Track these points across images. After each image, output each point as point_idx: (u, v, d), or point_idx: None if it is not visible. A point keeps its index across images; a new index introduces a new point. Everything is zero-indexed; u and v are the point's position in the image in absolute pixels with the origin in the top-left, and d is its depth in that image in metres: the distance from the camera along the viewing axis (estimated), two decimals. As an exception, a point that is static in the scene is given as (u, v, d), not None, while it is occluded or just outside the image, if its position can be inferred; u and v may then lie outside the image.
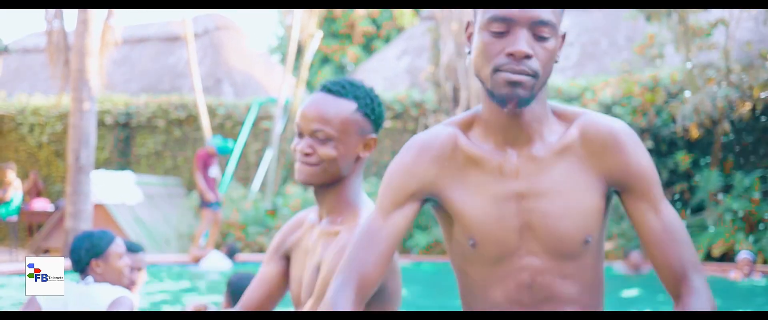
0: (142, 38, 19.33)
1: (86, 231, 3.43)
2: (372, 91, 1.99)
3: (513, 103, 1.60)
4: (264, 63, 20.29)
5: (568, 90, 13.27)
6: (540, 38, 1.59)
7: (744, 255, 8.69)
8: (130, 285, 3.79)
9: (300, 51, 18.15)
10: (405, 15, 24.77)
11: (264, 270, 2.15)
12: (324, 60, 25.22)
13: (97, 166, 13.87)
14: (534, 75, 1.58)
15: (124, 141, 16.00)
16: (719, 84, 10.78)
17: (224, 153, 11.53)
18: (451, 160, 1.71)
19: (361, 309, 1.63)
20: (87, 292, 3.16)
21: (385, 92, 15.35)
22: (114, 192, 13.09)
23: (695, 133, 10.69)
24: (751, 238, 10.21)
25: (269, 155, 14.34)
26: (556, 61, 1.64)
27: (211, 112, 15.23)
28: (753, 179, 10.70)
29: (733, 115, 10.90)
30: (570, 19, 17.04)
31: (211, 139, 11.58)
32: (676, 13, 9.27)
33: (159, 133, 15.69)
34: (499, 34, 1.59)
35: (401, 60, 17.95)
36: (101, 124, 15.26)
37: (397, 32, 24.55)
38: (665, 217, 1.66)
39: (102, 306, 3.05)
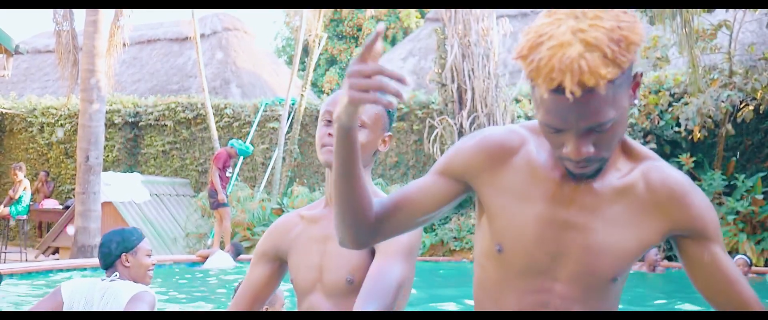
0: (151, 39, 19.50)
1: (116, 228, 3.56)
2: None
3: (583, 178, 1.60)
4: (271, 64, 20.43)
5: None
6: (598, 132, 1.49)
7: (741, 258, 8.77)
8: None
9: (306, 52, 18.27)
10: (411, 16, 24.87)
11: (251, 275, 2.22)
12: (330, 61, 25.35)
13: (106, 166, 14.02)
14: (600, 160, 1.55)
15: (133, 141, 16.15)
16: (723, 86, 10.85)
17: (245, 155, 11.84)
18: (508, 162, 1.66)
19: (370, 217, 1.65)
20: (111, 288, 3.26)
21: (391, 93, 15.45)
22: (123, 191, 13.24)
23: (698, 134, 10.77)
24: (753, 239, 10.28)
25: (276, 155, 14.48)
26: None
27: (219, 113, 15.36)
28: (755, 180, 10.77)
29: (736, 117, 10.97)
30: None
31: (232, 141, 11.78)
32: (679, 16, 9.34)
33: (167, 133, 15.83)
34: (556, 131, 1.52)
35: (407, 61, 18.06)
36: (110, 124, 15.42)
37: (403, 33, 24.66)
38: (729, 259, 1.69)
39: (123, 301, 3.15)
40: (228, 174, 11.31)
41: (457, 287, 8.94)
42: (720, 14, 11.69)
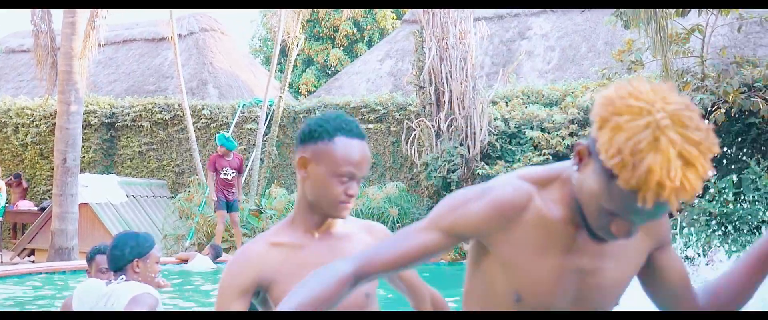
0: (127, 39, 19.40)
1: (129, 232, 3.58)
2: None
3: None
4: (248, 64, 20.40)
5: (548, 94, 13.52)
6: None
7: (714, 252, 8.95)
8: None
9: (284, 53, 18.26)
10: (387, 17, 24.95)
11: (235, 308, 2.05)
12: (307, 62, 25.36)
13: (82, 168, 13.94)
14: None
15: (109, 142, 16.07)
16: (695, 89, 11.05)
17: (225, 143, 11.50)
18: (519, 221, 1.71)
19: (347, 288, 1.69)
20: (115, 291, 3.31)
21: (369, 95, 15.54)
22: (100, 193, 13.18)
23: (672, 137, 10.94)
24: (725, 240, 10.47)
25: (254, 157, 14.49)
26: None
27: (196, 114, 15.34)
28: (727, 182, 10.97)
29: (708, 120, 11.17)
30: (550, 22, 17.31)
31: (216, 138, 11.71)
32: (654, 21, 9.51)
33: (144, 134, 15.77)
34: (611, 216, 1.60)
35: (384, 63, 18.14)
36: (86, 124, 15.32)
37: (379, 35, 24.73)
38: (680, 260, 1.83)
39: (124, 302, 3.19)
40: (224, 175, 11.24)
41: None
42: (693, 18, 11.89)
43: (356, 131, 2.06)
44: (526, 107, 13.16)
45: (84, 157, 15.29)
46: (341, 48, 24.88)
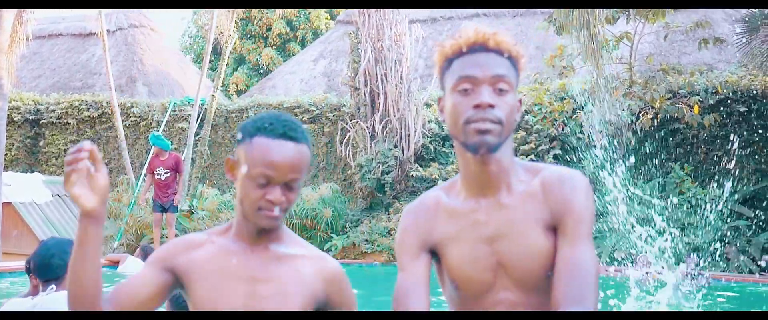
0: (53, 33, 18.87)
1: (60, 237, 3.36)
2: None
3: (484, 148, 1.83)
4: (179, 62, 20.06)
5: (481, 97, 13.67)
6: (500, 91, 1.84)
7: (643, 257, 9.19)
8: None
9: (215, 51, 18.01)
10: (320, 17, 24.87)
11: (147, 274, 1.94)
12: (239, 60, 25.07)
13: (5, 166, 13.48)
14: (498, 122, 1.82)
15: (33, 139, 15.59)
16: (624, 95, 11.35)
17: (157, 142, 10.95)
18: (436, 217, 1.97)
19: None
20: (44, 303, 3.10)
21: (302, 95, 15.46)
22: (23, 192, 12.76)
23: (601, 141, 11.22)
24: (650, 243, 10.77)
25: (185, 156, 14.22)
26: (517, 121, 1.88)
27: (125, 112, 15.00)
28: (653, 185, 11.29)
29: (635, 125, 11.48)
30: (482, 27, 17.51)
31: (149, 138, 11.35)
32: (586, 28, 9.72)
33: (70, 131, 15.35)
34: (466, 92, 1.84)
35: (318, 63, 18.07)
36: (8, 121, 14.83)
37: (313, 35, 24.63)
38: (577, 253, 1.81)
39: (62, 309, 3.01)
40: (157, 176, 10.90)
41: (365, 287, 9.02)
42: (621, 26, 12.20)
43: (281, 131, 1.86)
44: (459, 110, 13.28)
45: (7, 154, 14.80)
46: (274, 47, 24.68)
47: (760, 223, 11.10)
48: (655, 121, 11.50)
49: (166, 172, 10.92)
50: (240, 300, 1.90)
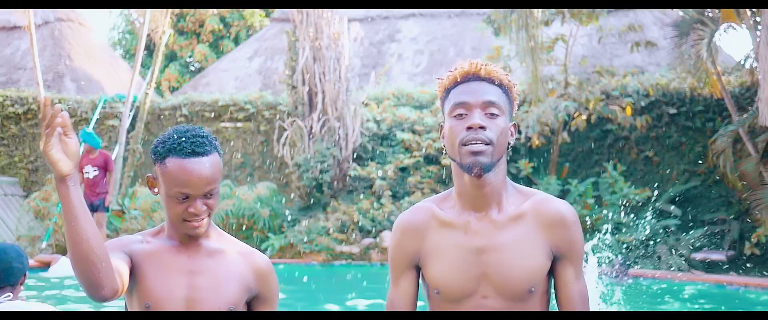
0: (-26, 26, 18.13)
1: (12, 244, 3.18)
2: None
3: (477, 167, 2.00)
4: (108, 58, 19.54)
5: (418, 96, 13.72)
6: (491, 115, 2.02)
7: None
8: None
9: (147, 48, 17.60)
10: (254, 15, 24.59)
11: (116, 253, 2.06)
12: (170, 57, 24.57)
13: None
14: (489, 143, 2.00)
15: (-47, 136, 14.98)
16: (559, 96, 11.54)
17: (87, 140, 10.59)
18: (428, 229, 2.13)
19: None
20: (16, 307, 2.94)
21: (237, 93, 15.24)
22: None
23: (537, 141, 11.39)
24: (585, 241, 10.98)
25: (116, 154, 13.84)
26: (510, 143, 2.08)
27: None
28: (587, 186, 11.52)
29: (570, 126, 11.69)
30: (419, 26, 17.60)
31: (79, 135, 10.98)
32: (525, 30, 9.85)
33: (-7, 128, 14.80)
34: (460, 116, 2.02)
35: (253, 61, 17.86)
36: (-72, 117, 14.24)
37: (246, 32, 24.33)
38: (582, 285, 2.11)
39: None
40: (86, 174, 10.56)
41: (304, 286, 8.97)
42: (556, 28, 12.41)
43: (190, 148, 2.01)
44: (396, 109, 13.30)
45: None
46: (207, 44, 24.29)
47: (689, 222, 11.45)
48: (589, 122, 11.73)
49: (94, 171, 10.61)
50: (183, 291, 2.07)
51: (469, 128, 1.99)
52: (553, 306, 2.13)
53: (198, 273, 2.08)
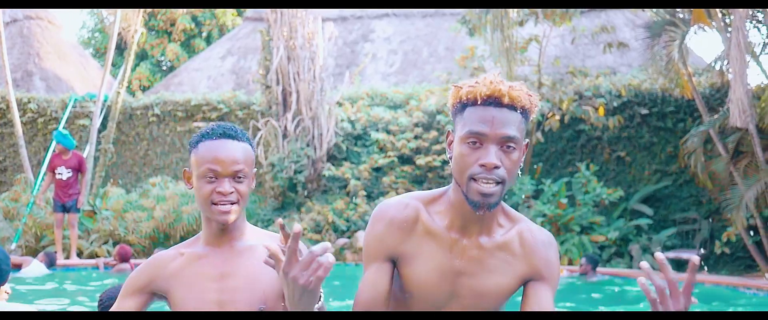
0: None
1: None
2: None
3: (484, 209, 1.93)
4: (79, 57, 19.30)
5: (392, 96, 13.72)
6: (507, 149, 1.91)
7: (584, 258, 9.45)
8: None
9: (118, 46, 17.42)
10: (227, 14, 24.45)
11: (128, 307, 2.14)
12: (141, 56, 24.35)
13: None
14: (501, 181, 1.91)
15: None
16: (533, 96, 11.58)
17: (61, 140, 10.50)
18: (412, 232, 2.08)
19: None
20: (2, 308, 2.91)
21: (210, 92, 15.14)
22: None
23: (511, 141, 11.41)
24: (558, 240, 11.05)
25: (87, 154, 13.67)
26: (520, 167, 1.97)
27: (22, 107, 14.33)
28: (560, 185, 11.59)
29: (543, 126, 11.75)
30: (392, 26, 17.60)
31: (53, 135, 10.81)
32: (499, 30, 9.88)
33: (-39, 127, 14.56)
34: (474, 146, 1.91)
35: (226, 60, 17.75)
36: None
37: (218, 31, 24.19)
38: (552, 304, 2.08)
39: None
40: (58, 175, 10.43)
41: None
42: (530, 28, 12.47)
43: (220, 132, 2.09)
44: (371, 109, 13.29)
45: None
46: (178, 43, 24.10)
47: (661, 221, 11.57)
48: (563, 122, 11.80)
49: (67, 172, 10.51)
50: (213, 295, 2.07)
51: (483, 165, 1.89)
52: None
53: (229, 276, 2.09)
